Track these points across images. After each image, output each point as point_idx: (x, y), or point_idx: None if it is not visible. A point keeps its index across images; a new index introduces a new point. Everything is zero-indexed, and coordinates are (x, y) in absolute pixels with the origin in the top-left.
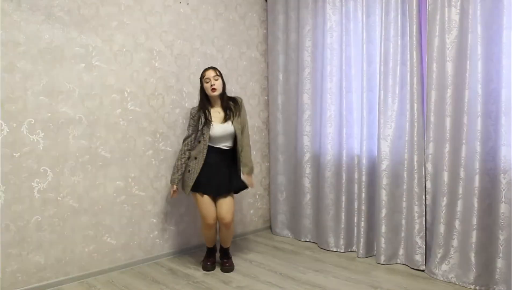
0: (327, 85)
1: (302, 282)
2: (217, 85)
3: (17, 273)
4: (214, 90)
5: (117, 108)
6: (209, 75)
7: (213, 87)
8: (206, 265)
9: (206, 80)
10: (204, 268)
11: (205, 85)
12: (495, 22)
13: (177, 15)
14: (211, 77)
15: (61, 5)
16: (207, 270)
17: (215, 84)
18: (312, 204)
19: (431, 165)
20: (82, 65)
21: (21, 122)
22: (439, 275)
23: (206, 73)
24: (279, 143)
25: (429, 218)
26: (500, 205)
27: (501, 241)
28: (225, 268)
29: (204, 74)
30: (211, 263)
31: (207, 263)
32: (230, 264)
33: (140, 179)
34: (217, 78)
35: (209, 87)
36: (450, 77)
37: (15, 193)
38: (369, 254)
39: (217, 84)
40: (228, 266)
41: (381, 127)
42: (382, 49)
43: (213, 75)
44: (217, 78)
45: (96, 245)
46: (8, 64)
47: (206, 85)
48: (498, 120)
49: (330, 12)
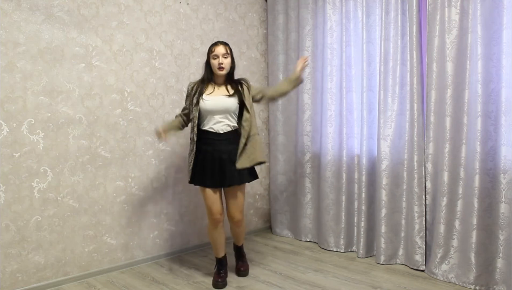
0: (327, 85)
1: (302, 282)
2: (225, 64)
3: (17, 273)
4: (221, 69)
5: (117, 108)
6: (218, 51)
7: (221, 66)
8: (216, 282)
9: (214, 56)
10: (214, 286)
11: (212, 62)
12: (495, 22)
13: (177, 15)
14: (220, 54)
15: (61, 5)
16: (218, 288)
17: (223, 63)
18: (312, 204)
19: (431, 165)
20: (82, 65)
21: (21, 122)
22: (439, 275)
23: (216, 48)
24: (279, 143)
25: (429, 218)
26: (500, 205)
27: (501, 241)
28: (241, 273)
29: (213, 49)
30: (222, 280)
31: (218, 280)
32: (246, 268)
33: (140, 179)
34: (226, 56)
35: (216, 65)
36: (450, 77)
37: (15, 193)
38: (369, 254)
39: (226, 62)
40: (243, 271)
41: (381, 127)
42: (382, 49)
43: (223, 53)
44: (226, 56)
45: (96, 245)
46: (8, 64)
47: (213, 62)
48: (498, 120)
49: (330, 12)
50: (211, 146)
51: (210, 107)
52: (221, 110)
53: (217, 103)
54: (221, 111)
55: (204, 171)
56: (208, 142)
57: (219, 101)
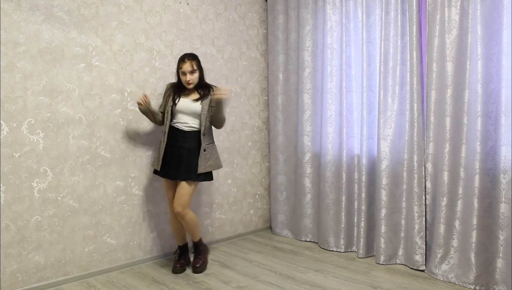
0: (327, 85)
1: (302, 282)
2: (192, 80)
3: (17, 273)
4: (189, 84)
5: (117, 108)
6: (185, 69)
7: (189, 82)
8: (175, 267)
9: (182, 73)
10: (172, 270)
11: (181, 76)
12: (495, 22)
13: (177, 15)
14: (187, 71)
15: (61, 5)
16: (176, 272)
17: (190, 80)
18: (312, 204)
19: (431, 165)
20: (82, 65)
21: (21, 122)
22: (439, 275)
23: (183, 66)
24: (279, 143)
25: (429, 218)
26: (500, 205)
27: (501, 241)
28: (195, 270)
29: (180, 66)
30: (180, 265)
31: (176, 265)
32: (201, 264)
33: (140, 179)
34: (193, 72)
35: (185, 81)
36: (450, 77)
37: (15, 193)
38: (369, 254)
39: (193, 78)
40: (198, 267)
41: (381, 127)
42: (382, 49)
43: (190, 70)
44: (193, 72)
45: (96, 245)
46: (8, 64)
47: (182, 77)
48: (498, 120)
49: (330, 12)
50: (175, 142)
51: (179, 108)
52: (188, 112)
53: (185, 105)
54: (188, 113)
55: (164, 163)
56: (174, 137)
57: (187, 104)
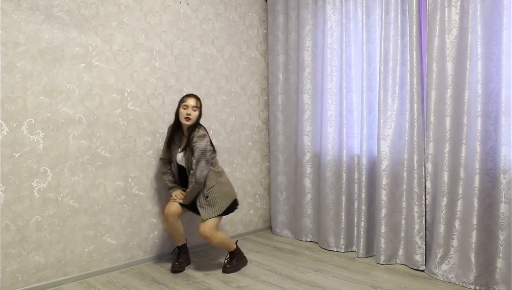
0: (327, 85)
1: (302, 282)
2: (192, 116)
3: (17, 273)
4: (188, 120)
5: (117, 108)
6: (189, 103)
7: (188, 117)
8: (173, 266)
9: (185, 107)
10: (171, 269)
11: (181, 110)
12: (495, 22)
13: (177, 15)
14: (190, 105)
15: (61, 5)
16: (175, 271)
17: (191, 114)
18: (312, 204)
19: (431, 165)
20: (82, 65)
21: (21, 122)
22: (439, 275)
23: (188, 100)
24: (279, 143)
25: (429, 218)
26: (500, 205)
27: (501, 241)
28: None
29: (184, 100)
30: (179, 263)
31: (175, 263)
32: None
33: (140, 179)
34: (195, 109)
35: (184, 114)
36: (450, 77)
37: (15, 193)
38: (369, 254)
39: (193, 115)
40: (228, 267)
41: (381, 127)
42: (382, 49)
43: (193, 105)
44: (195, 109)
45: (96, 245)
46: (8, 64)
47: (182, 111)
48: (498, 120)
49: (330, 12)
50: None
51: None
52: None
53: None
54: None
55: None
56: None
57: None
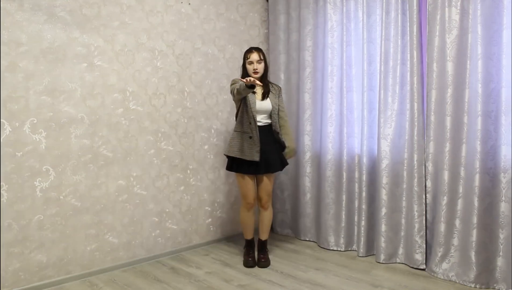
0: (328, 85)
1: (302, 281)
2: (259, 69)
3: (19, 271)
4: (256, 73)
5: (119, 107)
6: (253, 58)
7: (256, 70)
8: (247, 261)
9: (250, 62)
10: (245, 264)
11: (247, 66)
12: (495, 22)
13: (178, 15)
14: (254, 60)
15: (63, 5)
16: (249, 266)
17: (257, 68)
18: (312, 203)
19: (431, 164)
20: (84, 64)
21: (23, 122)
22: (439, 274)
23: (251, 55)
24: None
25: (429, 217)
26: (500, 204)
27: (501, 240)
28: (261, 263)
29: (248, 56)
30: (252, 259)
31: (248, 259)
32: (266, 259)
33: (142, 178)
34: (260, 62)
35: (251, 69)
36: (450, 76)
37: (17, 192)
38: (369, 253)
39: (260, 67)
40: (264, 262)
41: (381, 126)
42: (382, 48)
43: (257, 59)
44: (260, 62)
45: (98, 244)
46: (10, 64)
47: (248, 67)
48: (498, 119)
49: (331, 12)
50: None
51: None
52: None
53: (263, 106)
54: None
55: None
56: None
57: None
